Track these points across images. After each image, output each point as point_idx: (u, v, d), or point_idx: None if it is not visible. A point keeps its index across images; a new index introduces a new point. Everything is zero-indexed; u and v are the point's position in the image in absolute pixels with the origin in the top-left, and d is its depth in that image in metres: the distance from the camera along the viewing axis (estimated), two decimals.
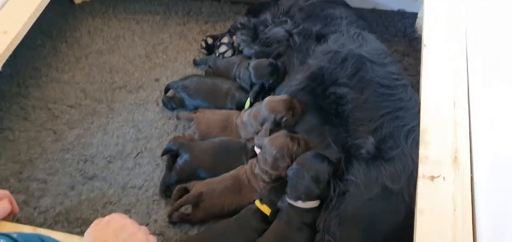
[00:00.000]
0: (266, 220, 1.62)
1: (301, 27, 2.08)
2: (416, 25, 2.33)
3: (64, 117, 2.10)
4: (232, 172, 1.76)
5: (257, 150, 1.78)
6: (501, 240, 1.22)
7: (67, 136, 2.03)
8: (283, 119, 1.80)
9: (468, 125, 1.58)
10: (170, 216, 1.72)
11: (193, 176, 1.80)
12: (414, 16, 2.37)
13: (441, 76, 1.75)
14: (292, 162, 1.67)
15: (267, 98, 1.86)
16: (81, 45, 2.42)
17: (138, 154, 1.95)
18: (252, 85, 2.00)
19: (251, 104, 1.97)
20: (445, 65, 1.78)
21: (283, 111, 1.81)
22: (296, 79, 1.89)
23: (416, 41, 2.27)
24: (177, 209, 1.71)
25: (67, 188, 1.85)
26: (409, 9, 2.42)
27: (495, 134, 1.41)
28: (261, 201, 1.64)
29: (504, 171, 1.29)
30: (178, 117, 2.04)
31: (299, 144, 1.71)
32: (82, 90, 2.20)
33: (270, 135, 1.77)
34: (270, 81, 1.99)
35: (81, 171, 1.91)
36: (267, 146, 1.71)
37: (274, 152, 1.68)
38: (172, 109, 2.09)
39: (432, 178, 1.47)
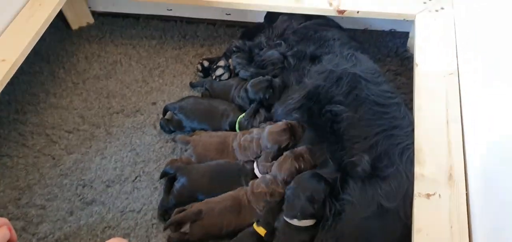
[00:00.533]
0: None
1: (295, 49, 2.12)
2: (408, 44, 2.37)
3: (62, 142, 2.11)
4: (231, 193, 1.77)
5: (257, 172, 1.81)
6: None
7: (65, 161, 2.04)
8: (289, 146, 1.84)
9: (462, 142, 1.61)
10: (166, 228, 1.73)
11: (191, 199, 1.81)
12: (405, 35, 2.41)
13: (433, 95, 1.79)
14: None
15: (268, 130, 1.87)
16: (78, 71, 2.44)
17: (136, 178, 1.96)
18: (251, 102, 2.03)
19: (245, 124, 1.99)
20: (437, 83, 1.82)
21: (287, 141, 1.84)
22: (293, 99, 1.92)
23: (408, 60, 2.30)
24: (175, 225, 1.72)
25: (66, 214, 1.86)
26: (400, 29, 2.46)
27: (489, 150, 1.44)
28: (258, 223, 1.66)
29: (498, 186, 1.32)
30: (174, 141, 2.05)
31: (304, 159, 1.74)
32: (80, 116, 2.22)
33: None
34: (267, 96, 2.02)
35: (79, 196, 1.92)
36: (275, 171, 1.75)
37: (285, 176, 1.72)
38: (170, 132, 2.11)
39: (428, 195, 1.49)
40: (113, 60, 2.48)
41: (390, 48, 2.40)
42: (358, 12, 2.18)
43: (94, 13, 2.71)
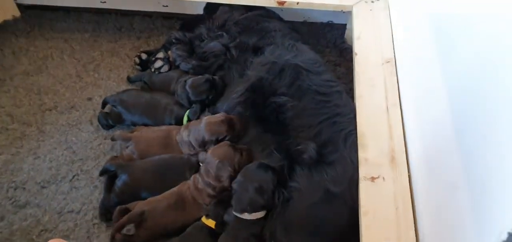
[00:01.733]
0: (214, 235, 1.60)
1: (237, 40, 2.10)
2: (345, 36, 2.43)
3: None
4: (174, 189, 1.72)
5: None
6: (441, 231, 1.30)
7: None
8: (226, 139, 1.81)
9: (402, 126, 1.67)
10: (112, 238, 1.65)
11: (134, 197, 1.73)
12: (342, 27, 2.47)
13: (373, 82, 1.84)
14: (235, 172, 1.68)
15: (206, 120, 1.83)
16: (4, 67, 2.27)
17: (74, 177, 1.86)
18: (191, 103, 1.98)
19: (189, 120, 1.95)
20: (376, 71, 1.88)
21: (224, 132, 1.81)
22: (236, 92, 1.91)
23: (346, 52, 2.36)
24: (119, 230, 1.64)
25: None
26: (337, 21, 2.52)
27: (427, 131, 1.51)
28: (207, 217, 1.62)
29: (438, 165, 1.38)
30: (113, 139, 1.94)
31: (241, 154, 1.72)
32: (8, 114, 2.07)
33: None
34: (210, 97, 1.98)
35: (11, 199, 1.79)
36: (209, 157, 1.70)
37: (216, 162, 1.67)
38: (108, 127, 2.02)
39: (373, 179, 1.54)
40: (44, 55, 2.34)
41: (329, 39, 2.45)
42: (297, 3, 2.20)
43: (20, 6, 2.53)
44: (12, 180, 1.84)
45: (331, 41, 2.44)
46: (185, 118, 1.95)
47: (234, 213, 1.59)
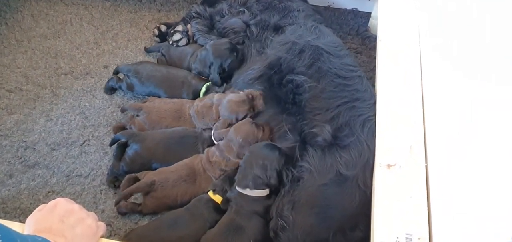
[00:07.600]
0: (219, 210, 1.58)
1: (258, 18, 2.05)
2: (369, 24, 2.37)
3: (3, 102, 1.95)
4: (186, 161, 1.69)
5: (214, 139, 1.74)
6: (455, 226, 1.25)
7: (5, 121, 1.89)
8: (248, 116, 1.77)
9: (422, 115, 1.61)
10: (117, 203, 1.62)
11: (144, 167, 1.71)
12: (367, 15, 2.40)
13: (395, 70, 1.77)
14: None
15: (228, 98, 1.79)
16: (23, 28, 2.26)
17: (84, 142, 1.84)
18: (210, 65, 1.94)
19: (207, 91, 1.91)
20: (399, 59, 1.81)
21: (245, 112, 1.77)
22: (253, 69, 1.86)
23: (369, 40, 2.30)
24: (126, 197, 1.62)
25: (4, 176, 1.72)
26: (362, 8, 2.45)
27: (448, 122, 1.45)
28: (214, 191, 1.59)
29: (456, 157, 1.32)
30: (123, 110, 1.92)
31: (263, 130, 1.68)
32: (23, 75, 2.06)
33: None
34: (229, 60, 1.94)
35: (20, 158, 1.78)
36: (231, 134, 1.67)
37: (240, 140, 1.65)
38: (114, 89, 2.02)
39: (389, 166, 1.48)
40: (63, 20, 2.33)
41: (352, 27, 2.39)
42: None
43: None
44: (23, 140, 1.83)
45: (354, 29, 2.38)
46: (203, 90, 1.92)
47: (237, 187, 1.57)
